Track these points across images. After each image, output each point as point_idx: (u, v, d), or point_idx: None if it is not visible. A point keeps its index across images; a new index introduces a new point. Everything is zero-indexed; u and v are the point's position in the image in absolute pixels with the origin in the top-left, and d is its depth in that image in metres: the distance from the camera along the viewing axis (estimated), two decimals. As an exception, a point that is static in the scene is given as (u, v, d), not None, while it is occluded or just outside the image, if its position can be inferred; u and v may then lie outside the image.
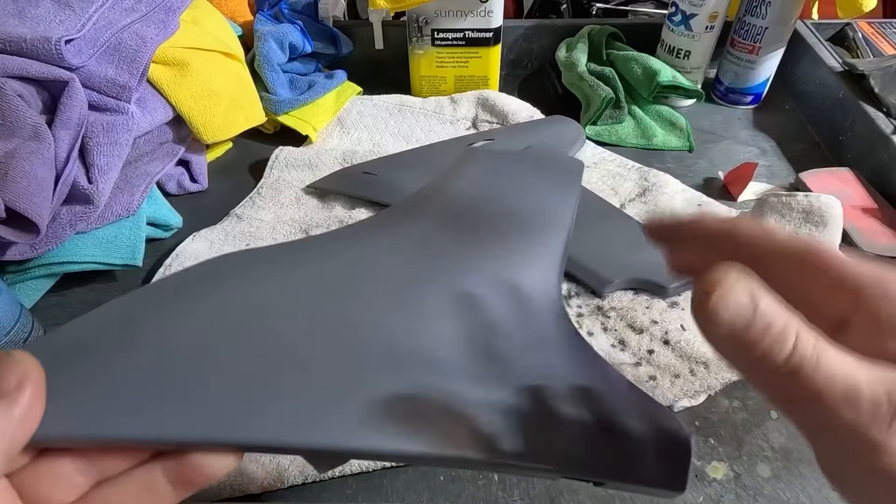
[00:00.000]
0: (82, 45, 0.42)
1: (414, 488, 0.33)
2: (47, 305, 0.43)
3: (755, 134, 0.59)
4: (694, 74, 0.61)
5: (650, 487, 0.21)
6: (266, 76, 0.57)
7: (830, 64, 0.58)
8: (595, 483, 0.22)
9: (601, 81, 0.58)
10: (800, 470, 0.33)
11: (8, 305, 0.34)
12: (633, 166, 0.53)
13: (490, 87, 0.63)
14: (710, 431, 0.35)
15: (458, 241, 0.28)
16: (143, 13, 0.46)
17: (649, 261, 0.42)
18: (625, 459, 0.21)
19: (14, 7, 0.43)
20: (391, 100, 0.62)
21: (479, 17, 0.57)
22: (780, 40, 0.58)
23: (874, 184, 0.50)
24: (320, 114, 0.58)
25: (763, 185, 0.52)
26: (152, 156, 0.49)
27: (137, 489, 0.20)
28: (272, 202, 0.50)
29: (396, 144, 0.57)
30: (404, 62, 0.63)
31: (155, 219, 0.47)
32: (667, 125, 0.59)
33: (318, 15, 0.63)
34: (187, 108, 0.48)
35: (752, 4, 0.56)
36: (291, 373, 0.21)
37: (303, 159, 0.54)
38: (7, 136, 0.37)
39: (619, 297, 0.41)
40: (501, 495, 0.33)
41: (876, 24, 0.68)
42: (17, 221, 0.38)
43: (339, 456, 0.22)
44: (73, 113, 0.40)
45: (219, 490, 0.32)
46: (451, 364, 0.23)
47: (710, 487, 0.33)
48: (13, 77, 0.38)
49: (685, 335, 0.38)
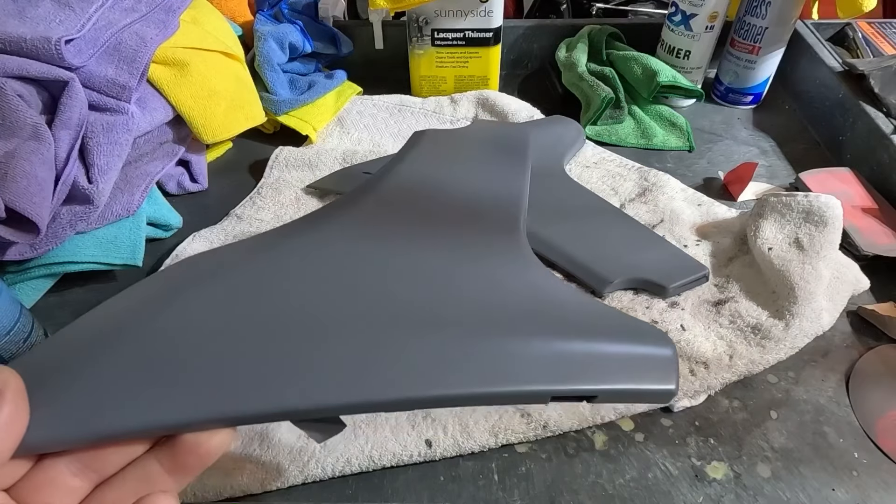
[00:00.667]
0: (82, 45, 0.42)
1: (414, 488, 0.33)
2: (47, 305, 0.43)
3: (755, 134, 0.59)
4: (694, 74, 0.61)
5: (641, 388, 0.21)
6: (266, 76, 0.57)
7: (830, 64, 0.58)
8: (587, 399, 0.21)
9: (601, 81, 0.58)
10: (800, 470, 0.33)
11: (8, 305, 0.34)
12: (633, 166, 0.53)
13: (490, 87, 0.63)
14: (710, 431, 0.35)
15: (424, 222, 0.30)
16: (143, 13, 0.46)
17: (649, 261, 0.42)
18: (612, 368, 0.21)
19: (14, 7, 0.43)
20: (391, 100, 0.62)
21: (479, 17, 0.57)
22: (780, 40, 0.58)
23: (874, 184, 0.50)
24: (320, 114, 0.58)
25: (763, 185, 0.52)
26: (152, 156, 0.49)
27: (135, 483, 0.21)
28: (272, 202, 0.50)
29: (396, 144, 0.57)
30: (404, 62, 0.63)
31: (155, 219, 0.47)
32: (667, 125, 0.59)
33: (318, 15, 0.63)
34: (187, 108, 0.48)
35: (752, 4, 0.56)
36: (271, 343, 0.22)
37: (303, 159, 0.54)
38: (7, 136, 0.37)
39: (619, 297, 0.41)
40: (501, 495, 0.33)
41: (876, 24, 0.68)
42: (17, 221, 0.38)
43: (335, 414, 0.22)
44: (73, 113, 0.40)
45: (219, 490, 0.32)
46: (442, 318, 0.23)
47: (710, 487, 0.33)
48: (13, 77, 0.38)
49: (685, 335, 0.38)
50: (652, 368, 0.21)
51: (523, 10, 0.90)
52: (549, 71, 0.67)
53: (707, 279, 0.42)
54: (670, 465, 0.34)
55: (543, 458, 0.34)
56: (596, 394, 0.21)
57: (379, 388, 0.21)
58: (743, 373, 0.36)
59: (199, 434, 0.21)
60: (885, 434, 0.35)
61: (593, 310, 0.24)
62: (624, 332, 0.23)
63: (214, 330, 0.23)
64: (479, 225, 0.30)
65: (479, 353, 0.22)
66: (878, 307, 0.40)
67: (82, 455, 0.21)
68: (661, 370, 0.21)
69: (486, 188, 0.33)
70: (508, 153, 0.36)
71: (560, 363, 0.21)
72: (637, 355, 0.22)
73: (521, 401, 0.22)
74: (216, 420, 0.21)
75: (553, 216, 0.45)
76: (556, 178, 0.50)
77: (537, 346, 0.22)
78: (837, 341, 0.40)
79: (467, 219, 0.30)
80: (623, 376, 0.21)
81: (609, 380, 0.21)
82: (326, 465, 0.33)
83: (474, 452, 0.34)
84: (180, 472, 0.21)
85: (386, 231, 0.29)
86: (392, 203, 0.32)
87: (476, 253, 0.28)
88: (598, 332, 0.23)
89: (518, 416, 0.35)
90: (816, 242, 0.39)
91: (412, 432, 0.34)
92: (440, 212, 0.31)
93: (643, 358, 0.22)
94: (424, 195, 0.32)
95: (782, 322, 0.37)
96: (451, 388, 0.21)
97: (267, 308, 0.24)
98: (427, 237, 0.29)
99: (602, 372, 0.21)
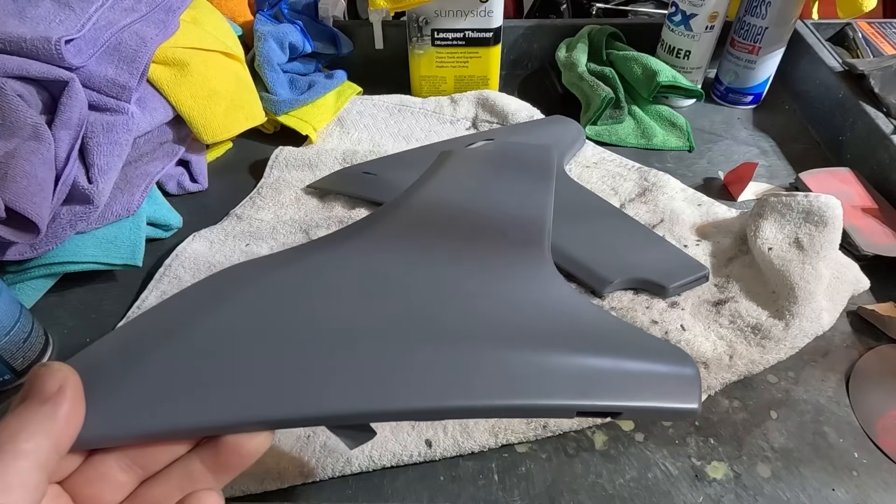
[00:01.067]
0: (82, 45, 0.42)
1: (414, 488, 0.33)
2: (47, 305, 0.43)
3: (755, 134, 0.59)
4: (694, 74, 0.61)
5: (666, 406, 0.22)
6: (266, 76, 0.57)
7: (830, 64, 0.58)
8: (612, 416, 0.22)
9: (601, 81, 0.58)
10: (800, 470, 0.33)
11: (8, 305, 0.34)
12: (633, 166, 0.53)
13: (490, 87, 0.63)
14: (710, 431, 0.35)
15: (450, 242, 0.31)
16: (143, 13, 0.46)
17: (649, 261, 0.42)
18: (638, 385, 0.22)
19: (14, 7, 0.43)
20: (391, 100, 0.62)
21: (479, 17, 0.57)
22: (780, 40, 0.58)
23: (874, 184, 0.50)
24: (320, 114, 0.58)
25: (763, 185, 0.52)
26: (152, 156, 0.49)
27: (179, 481, 0.22)
28: (272, 202, 0.50)
29: (396, 144, 0.57)
30: (404, 62, 0.63)
31: (155, 219, 0.47)
32: (667, 125, 0.59)
33: (318, 15, 0.63)
34: (187, 108, 0.48)
35: (752, 4, 0.56)
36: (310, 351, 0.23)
37: (303, 159, 0.54)
38: (7, 136, 0.37)
39: (619, 297, 0.41)
40: (501, 495, 0.33)
41: (876, 24, 0.68)
42: (17, 221, 0.38)
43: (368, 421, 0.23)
44: (73, 113, 0.40)
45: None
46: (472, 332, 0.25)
47: (710, 487, 0.33)
48: (13, 77, 0.38)
49: (685, 335, 0.38)
50: (676, 387, 0.22)
51: (523, 10, 0.90)
52: (549, 71, 0.67)
53: (707, 279, 0.42)
54: (670, 465, 0.34)
55: (543, 458, 0.34)
56: (621, 410, 0.22)
57: (412, 398, 0.22)
58: (743, 373, 0.36)
59: (241, 436, 0.22)
60: (885, 434, 0.35)
61: (619, 328, 0.25)
62: (649, 350, 0.23)
63: (256, 337, 0.24)
64: (506, 243, 0.31)
65: (510, 366, 0.23)
66: (878, 307, 0.40)
67: (130, 452, 0.22)
68: (685, 389, 0.22)
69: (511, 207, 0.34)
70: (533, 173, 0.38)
71: (587, 379, 0.22)
72: (662, 374, 0.22)
73: (548, 414, 0.22)
74: (258, 422, 0.22)
75: (553, 216, 0.45)
76: (557, 179, 0.49)
77: (565, 361, 0.23)
78: (837, 341, 0.40)
79: (494, 236, 0.32)
80: (648, 394, 0.22)
81: (635, 397, 0.22)
82: (326, 465, 0.33)
83: (474, 452, 0.34)
84: (222, 472, 0.22)
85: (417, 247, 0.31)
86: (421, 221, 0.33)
87: (503, 270, 0.29)
88: (625, 350, 0.23)
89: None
90: (816, 242, 0.39)
91: (412, 432, 0.34)
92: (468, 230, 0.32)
93: (668, 376, 0.22)
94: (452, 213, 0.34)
95: (782, 322, 0.37)
96: (482, 400, 0.22)
97: (305, 318, 0.25)
98: (456, 253, 0.30)
99: (628, 389, 0.22)
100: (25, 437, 0.18)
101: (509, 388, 0.22)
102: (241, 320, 0.25)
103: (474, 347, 0.23)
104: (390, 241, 0.31)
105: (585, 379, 0.22)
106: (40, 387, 0.20)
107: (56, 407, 0.19)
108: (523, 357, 0.23)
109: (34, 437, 0.19)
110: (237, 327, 0.25)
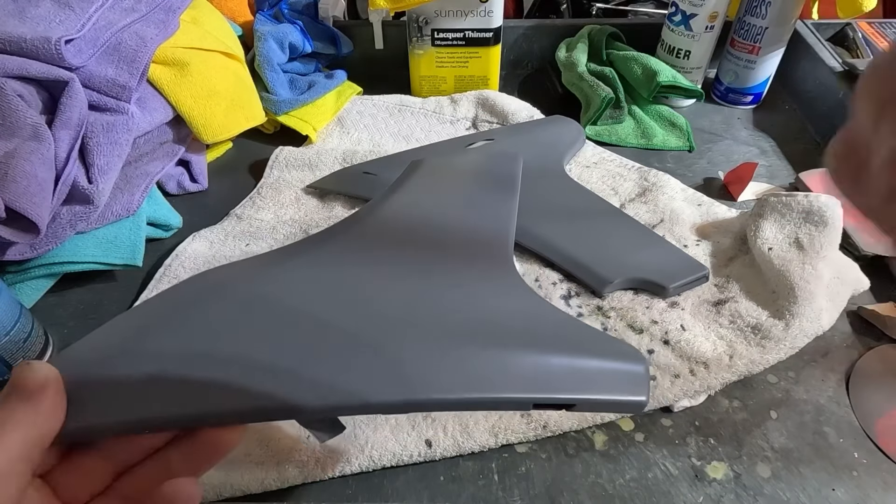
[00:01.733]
0: (82, 45, 0.42)
1: (414, 488, 0.33)
2: (47, 305, 0.43)
3: (755, 134, 0.59)
4: (694, 74, 0.61)
5: (615, 398, 0.24)
6: (266, 76, 0.57)
7: (830, 64, 0.58)
8: (566, 408, 0.24)
9: (601, 81, 0.58)
10: (800, 470, 0.33)
11: (8, 305, 0.34)
12: (633, 166, 0.53)
13: (490, 87, 0.63)
14: (710, 431, 0.35)
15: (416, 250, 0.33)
16: (143, 13, 0.46)
17: (649, 261, 0.42)
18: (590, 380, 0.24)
19: (14, 7, 0.43)
20: (391, 100, 0.62)
21: (479, 17, 0.57)
22: (780, 40, 0.58)
23: (874, 184, 0.49)
24: (320, 114, 0.58)
25: (763, 185, 0.52)
26: (152, 156, 0.49)
27: (156, 472, 0.23)
28: (272, 202, 0.50)
29: (396, 144, 0.57)
30: (404, 62, 0.63)
31: (155, 219, 0.47)
32: (667, 125, 0.59)
33: (318, 15, 0.63)
34: (187, 108, 0.48)
35: (752, 4, 0.56)
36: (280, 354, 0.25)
37: (303, 159, 0.54)
38: (7, 136, 0.37)
39: (619, 297, 0.41)
40: (501, 495, 0.33)
41: (876, 24, 0.68)
42: (17, 221, 0.38)
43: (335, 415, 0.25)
44: (73, 113, 0.40)
45: (219, 490, 0.32)
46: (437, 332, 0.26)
47: (710, 487, 0.33)
48: (13, 77, 0.38)
49: (685, 335, 0.38)
50: (626, 382, 0.24)
51: (523, 10, 0.90)
52: (549, 71, 0.67)
53: (707, 279, 0.42)
54: (670, 465, 0.34)
55: (543, 458, 0.34)
56: (574, 402, 0.23)
57: (377, 393, 0.23)
58: (743, 373, 0.36)
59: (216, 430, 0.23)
60: (885, 434, 0.35)
61: (579, 329, 0.27)
62: (605, 349, 0.26)
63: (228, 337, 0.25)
64: (470, 251, 0.34)
65: (472, 363, 0.24)
66: (878, 307, 0.40)
67: (109, 445, 0.23)
68: (635, 383, 0.24)
69: (477, 217, 0.37)
70: (498, 182, 0.41)
71: (543, 375, 0.24)
72: (613, 370, 0.24)
73: (506, 407, 0.24)
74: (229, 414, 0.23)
75: (553, 216, 0.45)
76: (556, 179, 0.50)
77: (523, 359, 0.25)
78: (837, 341, 0.40)
79: (459, 245, 0.34)
80: (600, 387, 0.24)
81: (587, 390, 0.24)
82: (326, 465, 0.33)
83: (474, 452, 0.34)
84: (197, 463, 0.23)
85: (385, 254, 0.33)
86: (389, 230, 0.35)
87: (469, 275, 0.31)
88: (581, 348, 0.26)
89: (518, 415, 0.35)
90: (816, 242, 0.39)
91: (412, 432, 0.34)
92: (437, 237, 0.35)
93: (619, 372, 0.24)
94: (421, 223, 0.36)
95: (782, 322, 0.37)
96: (444, 394, 0.23)
97: (274, 319, 0.27)
98: (422, 263, 0.32)
99: (580, 383, 0.24)
100: (9, 430, 0.19)
101: (471, 382, 0.24)
102: (214, 321, 0.26)
103: (439, 346, 0.25)
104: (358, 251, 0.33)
105: (543, 374, 0.24)
106: (23, 383, 0.21)
107: (38, 403, 0.20)
108: (485, 354, 0.25)
109: (17, 430, 0.20)
110: (211, 327, 0.26)
